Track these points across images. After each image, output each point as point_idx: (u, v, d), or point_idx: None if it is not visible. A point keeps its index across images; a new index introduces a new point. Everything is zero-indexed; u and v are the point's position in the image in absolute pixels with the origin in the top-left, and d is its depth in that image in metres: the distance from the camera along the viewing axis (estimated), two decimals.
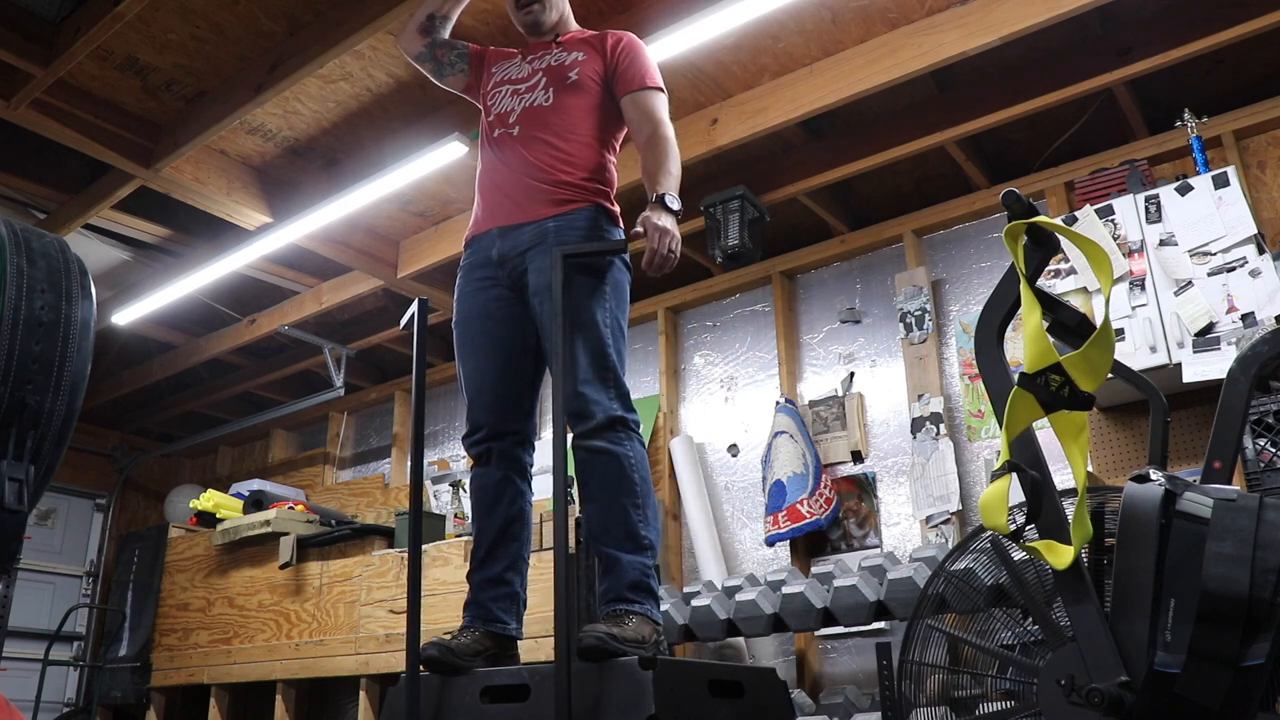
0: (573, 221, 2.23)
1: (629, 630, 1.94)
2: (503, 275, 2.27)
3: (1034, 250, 1.82)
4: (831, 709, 3.64)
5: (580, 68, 2.36)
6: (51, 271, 1.58)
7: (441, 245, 4.88)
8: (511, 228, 2.26)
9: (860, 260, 4.68)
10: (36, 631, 6.41)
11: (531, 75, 2.40)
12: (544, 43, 2.51)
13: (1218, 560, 1.62)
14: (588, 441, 2.07)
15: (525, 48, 2.56)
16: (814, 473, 4.24)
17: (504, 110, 2.37)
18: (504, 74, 2.48)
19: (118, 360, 6.59)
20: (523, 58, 2.50)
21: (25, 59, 3.50)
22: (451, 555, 4.19)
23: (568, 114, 2.31)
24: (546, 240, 2.18)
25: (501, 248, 2.26)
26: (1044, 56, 3.74)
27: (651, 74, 2.39)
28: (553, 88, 2.33)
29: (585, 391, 2.07)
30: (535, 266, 2.19)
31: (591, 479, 2.08)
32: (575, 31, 2.56)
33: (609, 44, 2.40)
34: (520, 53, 2.55)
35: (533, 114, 2.31)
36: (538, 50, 2.49)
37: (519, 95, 2.36)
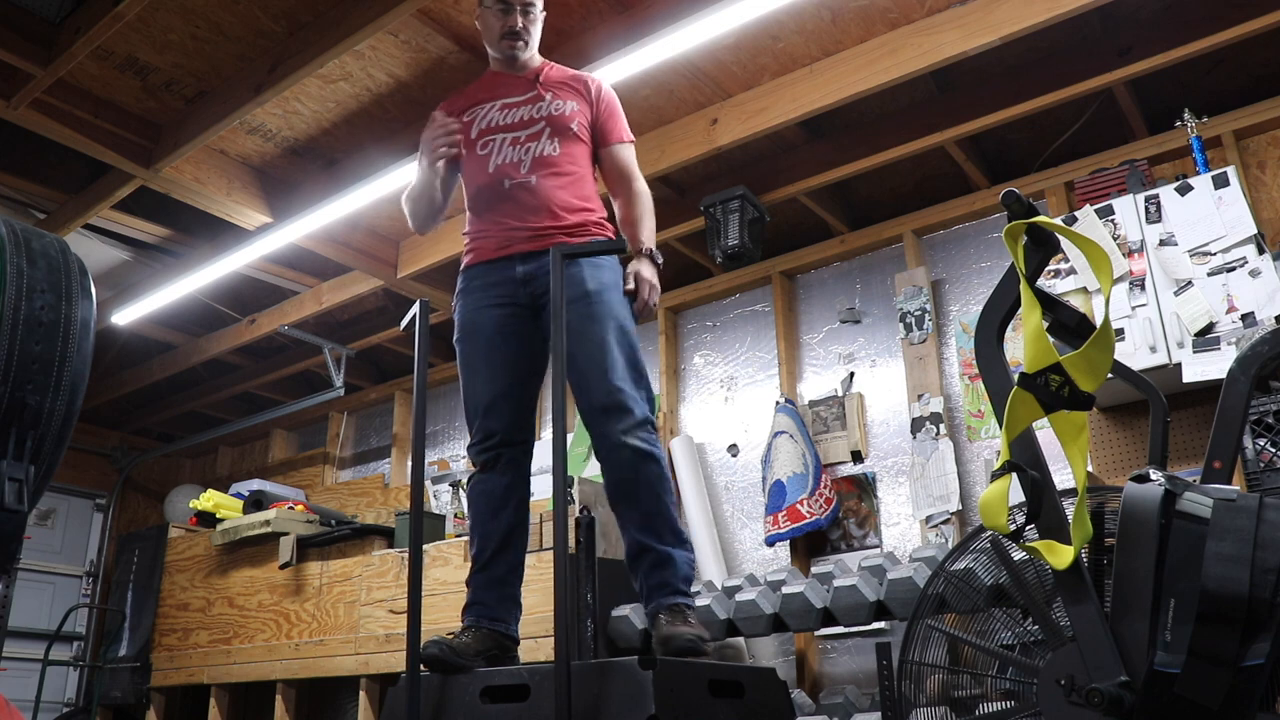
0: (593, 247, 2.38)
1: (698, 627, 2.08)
2: (523, 294, 2.37)
3: (1034, 250, 1.82)
4: (831, 709, 3.64)
5: (578, 118, 2.48)
6: (51, 271, 1.58)
7: (441, 245, 4.88)
8: (536, 253, 2.36)
9: (860, 260, 4.68)
10: (36, 631, 6.41)
11: (529, 123, 2.45)
12: (520, 79, 2.54)
13: (1218, 560, 1.62)
14: (629, 439, 2.16)
15: (488, 83, 2.57)
16: (814, 473, 4.25)
17: (511, 160, 2.42)
18: (486, 120, 2.49)
19: (118, 360, 6.59)
20: (499, 98, 2.51)
21: (25, 59, 3.50)
22: (451, 555, 4.19)
23: (575, 160, 2.45)
24: (575, 261, 2.31)
25: (526, 270, 2.36)
26: (1044, 56, 3.74)
27: (627, 127, 2.57)
28: (558, 138, 2.43)
29: (624, 388, 2.19)
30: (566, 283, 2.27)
31: (639, 478, 2.16)
32: (545, 66, 2.58)
33: (593, 93, 2.53)
34: (488, 91, 2.54)
35: (543, 162, 2.41)
36: (517, 89, 2.51)
37: (520, 145, 2.43)
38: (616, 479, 2.19)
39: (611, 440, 2.18)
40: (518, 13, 2.48)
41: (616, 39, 3.44)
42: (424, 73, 3.79)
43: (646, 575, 2.19)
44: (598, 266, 2.35)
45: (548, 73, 2.55)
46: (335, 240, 4.78)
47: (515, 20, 2.48)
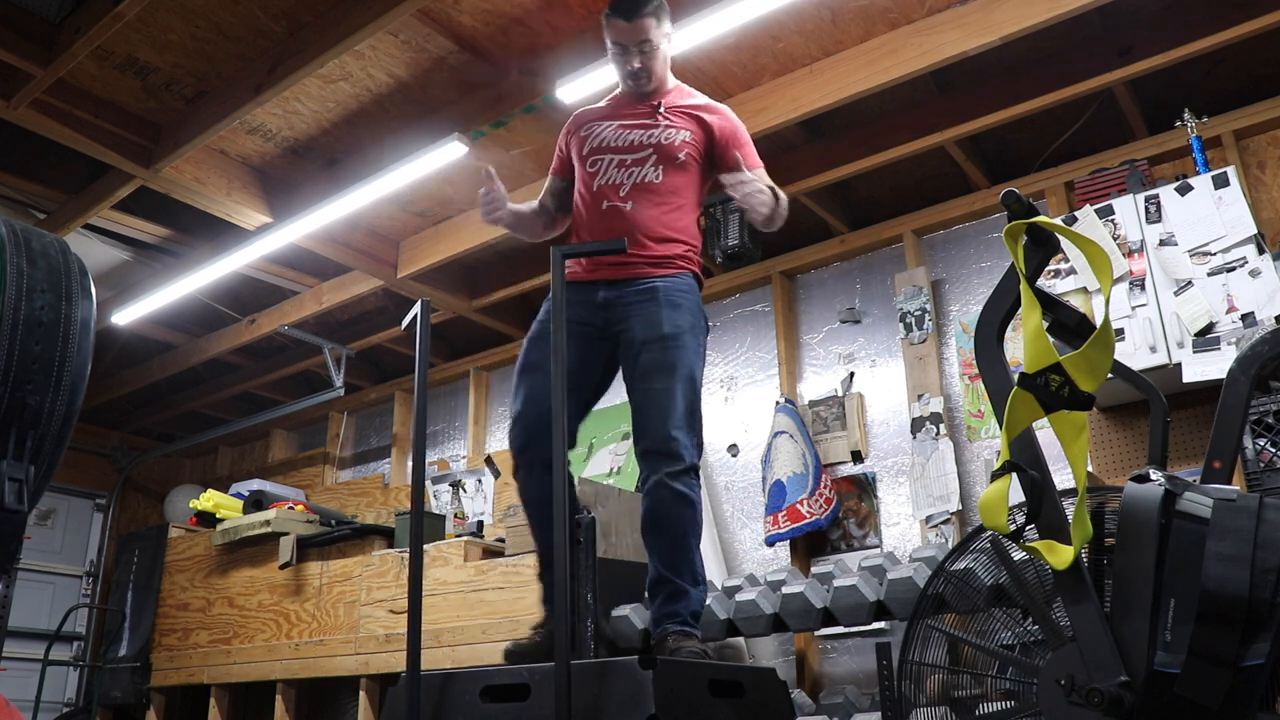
0: (677, 285, 2.42)
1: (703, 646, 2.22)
2: (599, 318, 2.43)
3: (1034, 250, 1.82)
4: (831, 709, 3.64)
5: (688, 149, 2.50)
6: (51, 271, 1.58)
7: (441, 245, 4.88)
8: (618, 282, 2.42)
9: (860, 260, 4.68)
10: (36, 631, 6.40)
11: (638, 148, 2.48)
12: (644, 104, 2.57)
13: (1218, 560, 1.62)
14: (673, 484, 2.27)
15: (616, 101, 2.63)
16: (814, 473, 4.24)
17: (613, 182, 2.47)
18: (600, 138, 2.53)
19: (118, 360, 6.59)
20: (618, 118, 2.55)
21: (25, 59, 3.50)
22: (451, 555, 4.19)
23: (675, 189, 2.48)
24: (655, 300, 2.37)
25: (608, 295, 2.42)
26: (1044, 56, 3.74)
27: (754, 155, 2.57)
28: (662, 165, 2.47)
29: (678, 436, 2.28)
30: (641, 321, 2.37)
31: (671, 519, 2.28)
32: (673, 92, 2.60)
33: (712, 123, 2.54)
34: (612, 109, 2.60)
35: (643, 189, 2.45)
36: (637, 114, 2.55)
37: (626, 168, 2.47)
38: (655, 514, 2.30)
39: (658, 479, 2.28)
40: (635, 55, 2.51)
41: None
42: (424, 73, 3.79)
43: (662, 604, 2.31)
44: (676, 308, 2.38)
45: (672, 99, 2.58)
46: (335, 240, 4.78)
47: (633, 62, 2.52)
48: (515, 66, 3.73)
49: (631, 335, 2.37)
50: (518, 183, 4.55)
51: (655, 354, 2.33)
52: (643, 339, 2.34)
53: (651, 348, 2.33)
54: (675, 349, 2.34)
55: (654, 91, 2.57)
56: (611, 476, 4.84)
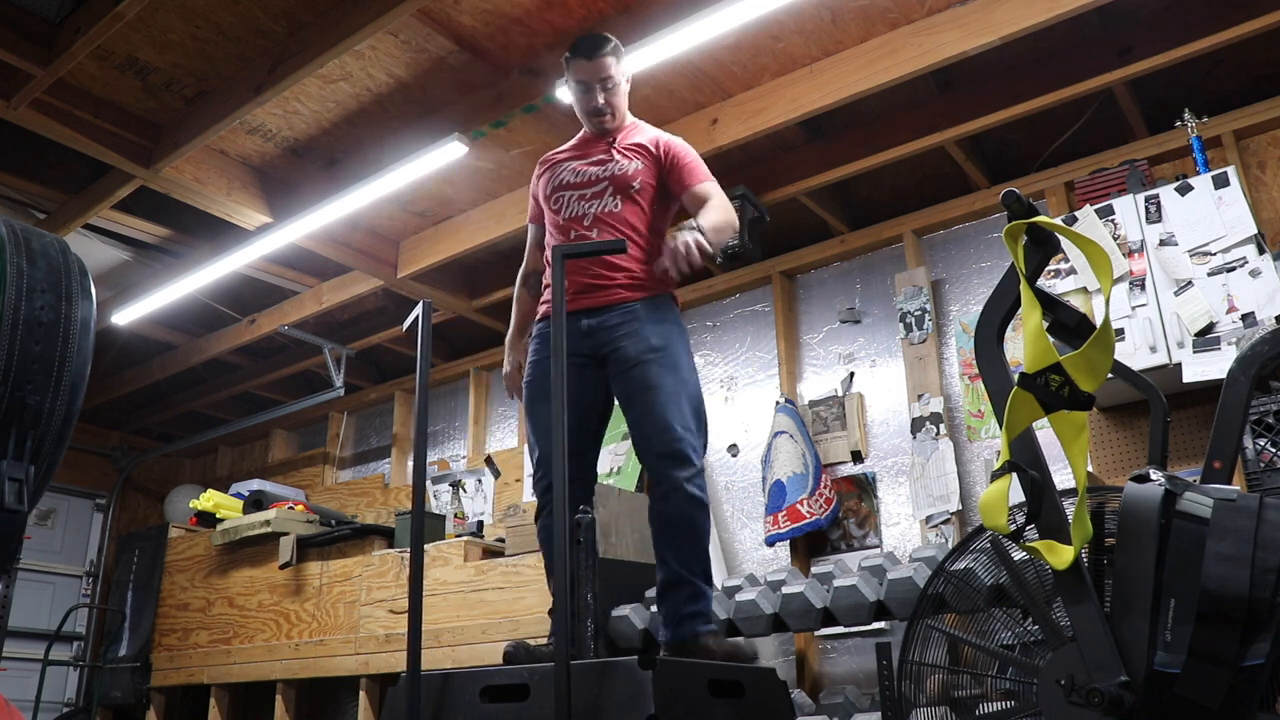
0: (656, 305, 2.53)
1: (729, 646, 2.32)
2: (586, 346, 2.51)
3: (1034, 250, 1.82)
4: (831, 709, 3.64)
5: (640, 177, 2.60)
6: (51, 271, 1.58)
7: (441, 245, 4.88)
8: (598, 309, 2.51)
9: (860, 260, 4.68)
10: (36, 631, 6.40)
11: (596, 181, 2.60)
12: (601, 142, 2.68)
13: (1218, 560, 1.62)
14: (689, 487, 2.35)
15: (579, 143, 2.73)
16: (814, 473, 4.24)
17: (577, 214, 2.59)
18: (560, 178, 2.65)
19: (118, 360, 6.59)
20: (578, 157, 2.67)
21: (25, 59, 3.50)
22: (451, 555, 4.19)
23: (635, 216, 2.58)
24: (638, 318, 2.47)
25: (591, 323, 2.51)
26: (1044, 56, 3.74)
27: (705, 171, 2.65)
28: (619, 195, 2.58)
29: (686, 438, 2.37)
30: (629, 339, 2.46)
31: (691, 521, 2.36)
32: (628, 130, 2.71)
33: (660, 152, 2.63)
34: (572, 151, 2.72)
35: (605, 218, 2.56)
36: (593, 151, 2.67)
37: (586, 200, 2.59)
38: (671, 517, 2.36)
39: (671, 482, 2.35)
40: (598, 91, 2.62)
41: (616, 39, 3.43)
42: (424, 73, 3.79)
43: (684, 604, 2.38)
44: (661, 322, 2.49)
45: (626, 135, 2.69)
46: (335, 240, 4.78)
47: (596, 98, 2.62)
48: (515, 66, 3.73)
49: (624, 353, 2.45)
50: (518, 183, 4.55)
51: (652, 365, 2.42)
52: (636, 354, 2.44)
53: (646, 360, 2.42)
54: (670, 357, 2.44)
55: (615, 129, 2.68)
56: (611, 476, 4.84)
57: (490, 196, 4.67)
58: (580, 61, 2.60)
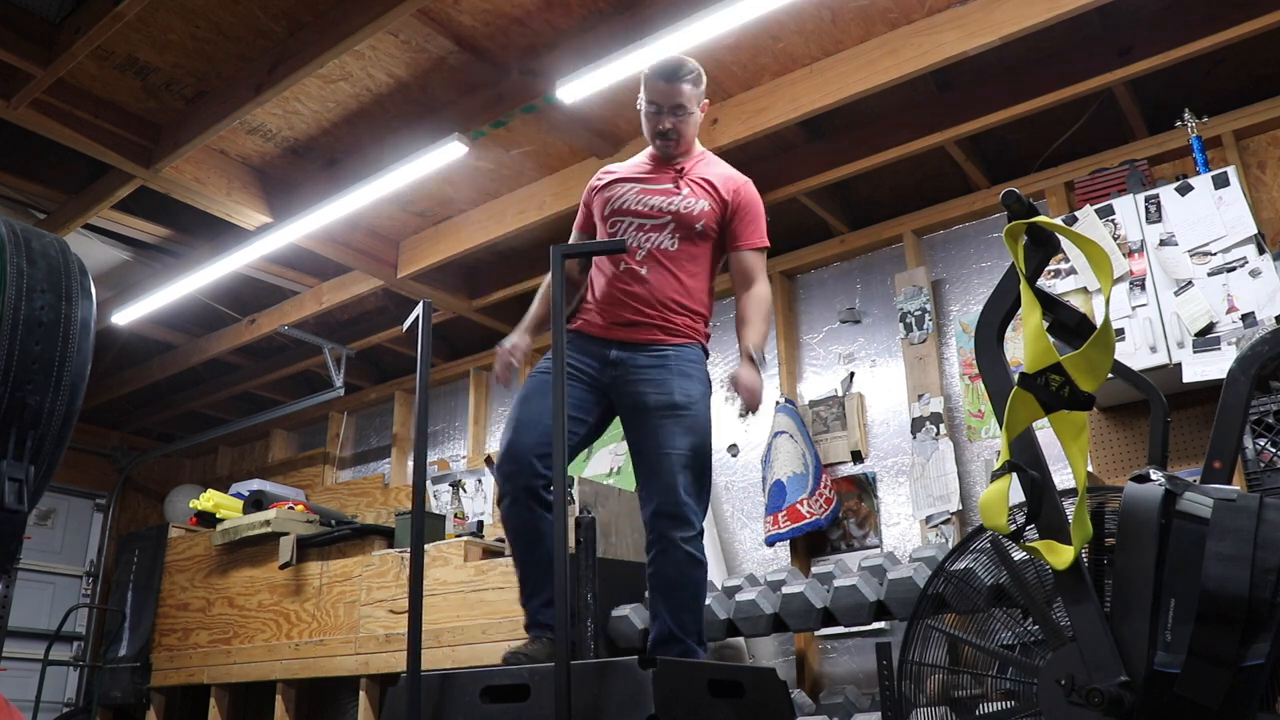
0: (687, 354, 2.48)
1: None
2: (607, 376, 2.47)
3: (1034, 250, 1.82)
4: (831, 709, 3.64)
5: (705, 219, 2.52)
6: (51, 271, 1.58)
7: (441, 245, 4.88)
8: (630, 344, 2.47)
9: (860, 260, 4.68)
10: (36, 631, 6.40)
11: (657, 214, 2.51)
12: (669, 169, 2.60)
13: (1218, 560, 1.62)
14: (687, 547, 2.35)
15: (642, 162, 2.66)
16: (814, 473, 4.24)
17: (631, 245, 2.51)
18: (621, 200, 2.56)
19: (118, 360, 6.59)
20: (642, 181, 2.59)
21: (25, 59, 3.50)
22: (451, 555, 4.19)
23: (691, 258, 2.52)
24: (668, 365, 2.43)
25: (620, 355, 2.47)
26: (1044, 56, 3.74)
27: (763, 233, 2.62)
28: (679, 234, 2.50)
29: (689, 502, 2.36)
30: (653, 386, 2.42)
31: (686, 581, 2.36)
32: (698, 161, 2.64)
33: (729, 196, 2.58)
34: (637, 171, 2.64)
35: (659, 255, 2.49)
36: (660, 179, 2.58)
37: (644, 232, 2.51)
38: (667, 575, 2.36)
39: (669, 541, 2.35)
40: (668, 115, 2.56)
41: (616, 39, 3.44)
42: (424, 73, 3.79)
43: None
44: (688, 376, 2.43)
45: (695, 168, 2.61)
46: (335, 240, 4.78)
47: (666, 122, 2.56)
48: (515, 66, 3.73)
49: (644, 399, 2.42)
50: (517, 183, 4.56)
51: (669, 421, 2.39)
52: (655, 404, 2.40)
53: (665, 414, 2.39)
54: (688, 417, 2.40)
55: (680, 155, 2.61)
56: (611, 476, 4.84)
57: (490, 196, 4.67)
58: (657, 83, 2.55)
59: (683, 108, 2.56)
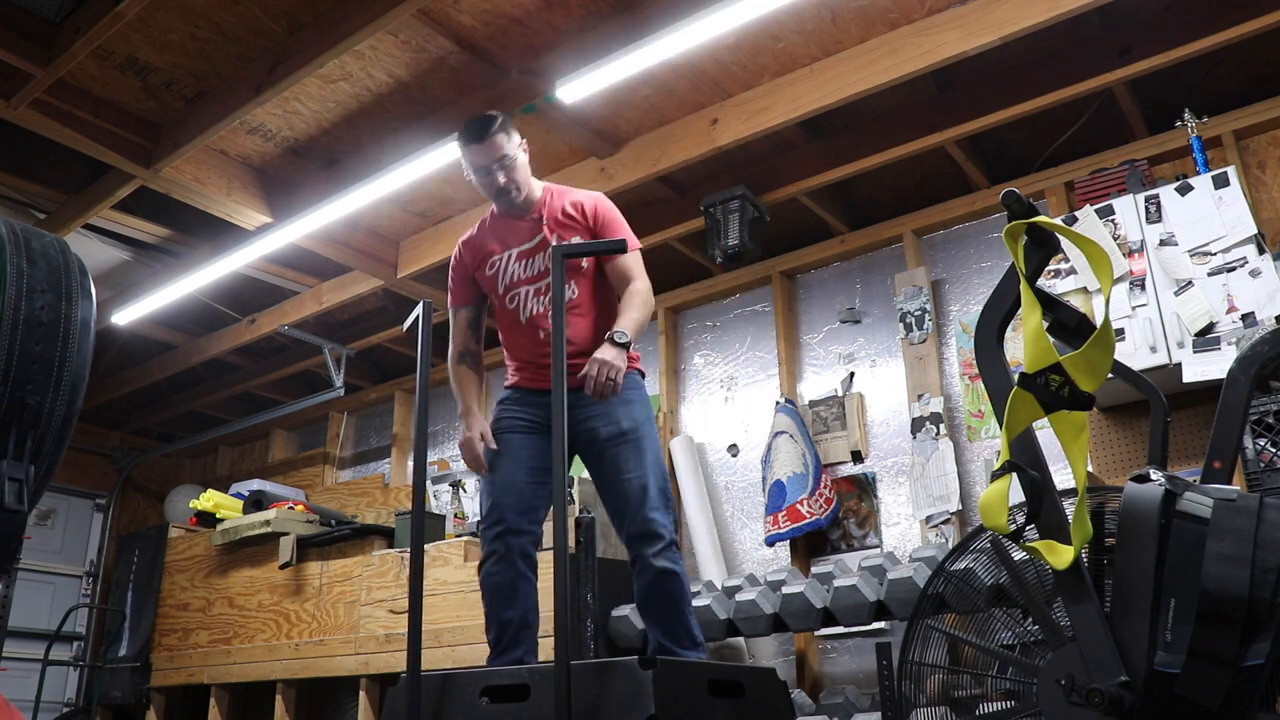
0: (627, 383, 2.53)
1: None
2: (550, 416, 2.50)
3: (1034, 250, 1.82)
4: (831, 709, 3.64)
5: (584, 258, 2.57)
6: (51, 271, 1.58)
7: (441, 245, 4.88)
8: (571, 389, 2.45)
9: (860, 260, 4.68)
10: (36, 631, 6.40)
11: (544, 275, 2.58)
12: (525, 222, 2.65)
13: (1218, 560, 1.62)
14: (658, 561, 2.43)
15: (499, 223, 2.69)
16: (814, 473, 4.24)
17: (539, 311, 2.58)
18: (509, 275, 2.63)
19: (118, 360, 6.58)
20: (512, 245, 2.64)
21: (25, 59, 3.50)
22: (451, 555, 4.19)
23: (591, 295, 2.60)
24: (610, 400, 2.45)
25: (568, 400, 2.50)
26: (1044, 56, 3.74)
27: (628, 232, 2.64)
28: (572, 280, 2.56)
29: (655, 517, 2.45)
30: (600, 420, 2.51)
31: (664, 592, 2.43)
32: (545, 200, 2.67)
33: (589, 218, 2.63)
34: (500, 235, 2.67)
35: (568, 307, 2.52)
36: (524, 234, 2.63)
37: (540, 295, 2.58)
38: (647, 590, 2.45)
39: (644, 561, 2.44)
40: (499, 172, 2.58)
41: (616, 39, 3.44)
42: (424, 73, 3.79)
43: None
44: (629, 403, 2.52)
45: (549, 209, 2.65)
46: (335, 240, 4.78)
47: (500, 179, 2.59)
48: (515, 66, 3.73)
49: (595, 433, 2.51)
50: None
51: (622, 448, 2.49)
52: (606, 436, 2.49)
53: (616, 442, 2.49)
54: (638, 439, 2.50)
55: (526, 202, 2.65)
56: None
57: None
58: (473, 147, 2.59)
59: (506, 157, 2.58)
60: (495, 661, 2.44)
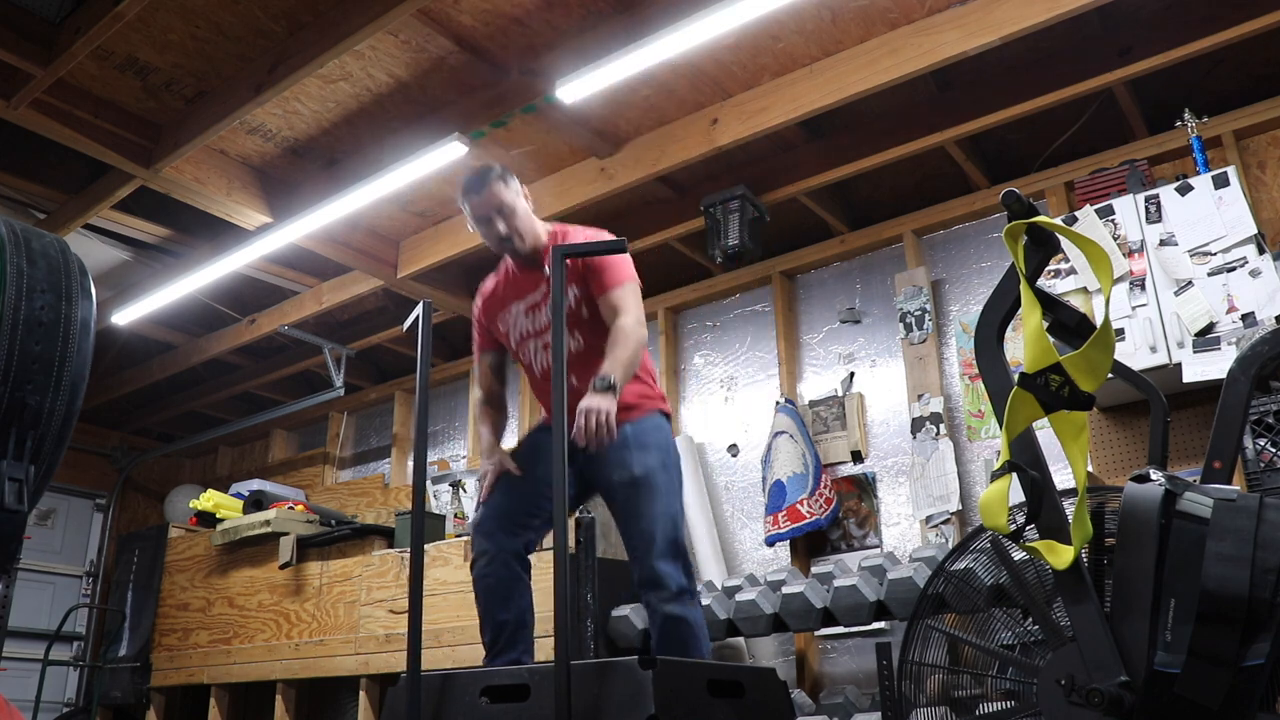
0: (643, 426, 2.50)
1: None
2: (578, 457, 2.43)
3: (1034, 250, 1.82)
4: (831, 709, 3.64)
5: (582, 304, 2.53)
6: (51, 271, 1.58)
7: (441, 245, 4.88)
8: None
9: (860, 260, 4.68)
10: (36, 631, 6.40)
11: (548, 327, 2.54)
12: (533, 273, 2.62)
13: (1218, 560, 1.62)
14: (666, 608, 2.39)
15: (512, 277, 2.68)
16: (814, 473, 4.24)
17: (548, 365, 2.55)
18: (519, 329, 2.63)
19: (118, 360, 6.59)
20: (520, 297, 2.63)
21: (25, 59, 3.50)
22: (451, 555, 4.19)
23: (597, 339, 2.52)
24: (625, 444, 2.43)
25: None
26: (1044, 56, 3.74)
27: (616, 274, 2.54)
28: (575, 330, 2.53)
29: (660, 566, 2.39)
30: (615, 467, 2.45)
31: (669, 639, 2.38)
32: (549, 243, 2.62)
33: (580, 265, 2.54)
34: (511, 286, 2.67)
35: (574, 359, 2.52)
36: (533, 286, 2.61)
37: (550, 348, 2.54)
38: (658, 637, 2.41)
39: (651, 607, 2.41)
40: (498, 221, 2.57)
41: (616, 39, 3.44)
42: (424, 73, 3.79)
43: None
44: (644, 448, 2.46)
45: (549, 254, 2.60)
46: (335, 240, 4.78)
47: (500, 227, 2.57)
48: (515, 66, 3.73)
49: (608, 478, 2.48)
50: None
51: (631, 496, 2.44)
52: (619, 482, 2.45)
53: (629, 489, 2.44)
54: (648, 488, 2.43)
55: (533, 251, 2.61)
56: None
57: None
58: (471, 199, 2.58)
59: (505, 205, 2.56)
60: (492, 663, 2.43)
